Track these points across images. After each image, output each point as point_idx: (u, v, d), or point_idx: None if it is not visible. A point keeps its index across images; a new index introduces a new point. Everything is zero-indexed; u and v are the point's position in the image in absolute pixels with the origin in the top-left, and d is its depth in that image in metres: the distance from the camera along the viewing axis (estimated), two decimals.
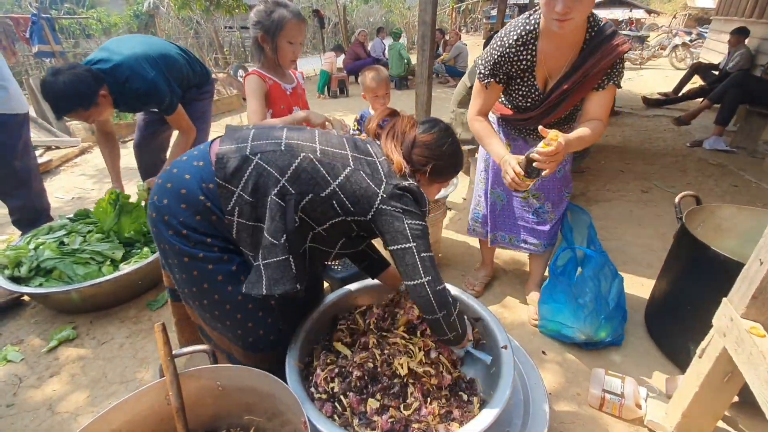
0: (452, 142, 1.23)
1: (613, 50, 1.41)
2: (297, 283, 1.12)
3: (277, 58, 1.76)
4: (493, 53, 1.51)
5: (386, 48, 9.59)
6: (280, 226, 1.08)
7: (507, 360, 1.19)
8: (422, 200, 1.15)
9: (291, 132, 1.18)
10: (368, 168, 1.13)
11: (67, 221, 2.43)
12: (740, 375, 1.16)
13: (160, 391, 1.19)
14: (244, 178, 1.09)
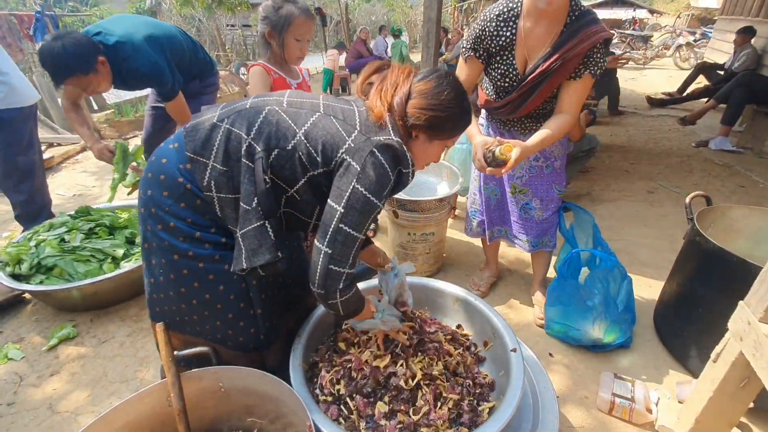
0: (454, 89, 1.04)
1: (592, 35, 1.40)
2: (278, 251, 1.03)
3: (283, 54, 1.73)
4: (476, 27, 1.55)
5: (389, 46, 9.55)
6: (251, 189, 1.00)
7: (516, 364, 1.16)
8: (404, 159, 1.02)
9: (262, 93, 1.13)
10: (341, 114, 1.02)
11: (68, 218, 2.40)
12: (758, 380, 1.12)
13: (161, 393, 1.17)
14: (215, 146, 1.03)
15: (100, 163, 4.37)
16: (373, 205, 0.98)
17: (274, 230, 1.04)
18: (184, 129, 1.08)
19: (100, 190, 3.71)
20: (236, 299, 1.18)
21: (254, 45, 15.61)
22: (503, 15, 1.49)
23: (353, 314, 1.14)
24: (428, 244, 2.23)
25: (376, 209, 0.99)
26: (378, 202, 0.98)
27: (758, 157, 4.27)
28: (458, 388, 1.16)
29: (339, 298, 1.03)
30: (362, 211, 0.97)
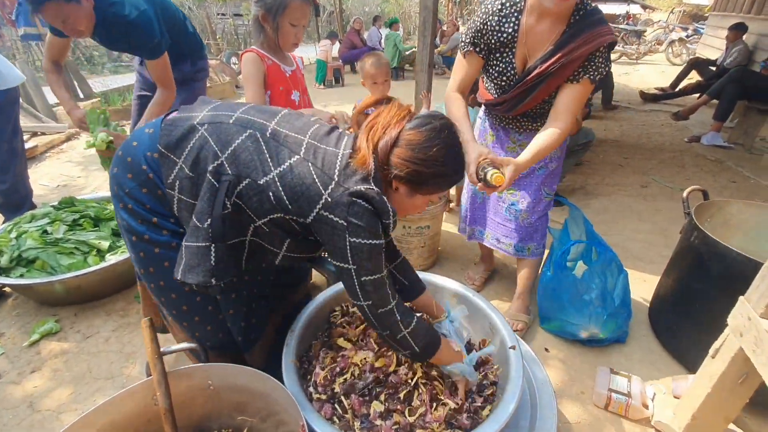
0: (445, 145, 0.94)
1: (596, 37, 1.32)
2: (213, 278, 0.98)
3: (277, 40, 1.66)
4: (476, 20, 1.45)
5: (383, 37, 9.44)
6: (207, 209, 0.95)
7: (516, 363, 1.13)
8: (384, 211, 0.93)
9: (251, 107, 1.05)
10: (320, 161, 0.94)
11: (51, 209, 2.31)
12: (757, 376, 1.11)
13: (147, 391, 1.12)
14: (188, 149, 0.98)
15: (85, 153, 4.28)
16: (377, 246, 0.94)
17: (218, 255, 0.98)
18: (164, 119, 1.04)
19: (85, 180, 3.61)
20: (203, 301, 1.15)
21: (246, 35, 15.33)
22: (506, 9, 1.40)
23: (432, 349, 1.08)
24: (423, 237, 2.20)
25: (381, 248, 0.96)
26: (380, 241, 0.95)
27: (749, 152, 4.31)
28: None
29: (405, 329, 1.02)
30: (371, 257, 0.95)
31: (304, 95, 1.89)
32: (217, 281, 1.00)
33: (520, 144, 1.68)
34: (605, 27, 1.33)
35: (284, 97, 1.77)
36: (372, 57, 2.23)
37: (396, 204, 1.01)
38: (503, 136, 1.73)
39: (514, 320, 1.83)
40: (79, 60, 10.73)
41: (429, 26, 2.55)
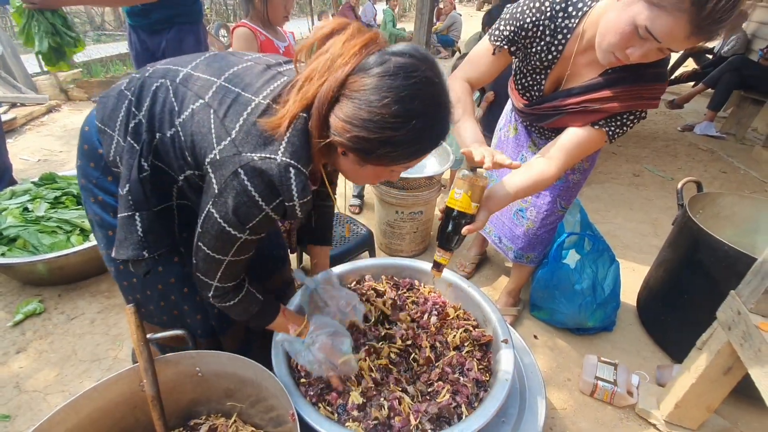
0: (400, 98, 0.66)
1: (634, 97, 1.06)
2: (144, 249, 0.90)
3: (266, 12, 1.58)
4: (524, 15, 1.10)
5: (376, 13, 9.18)
6: (126, 174, 0.85)
7: (506, 356, 1.13)
8: (287, 190, 0.74)
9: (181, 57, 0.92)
10: (225, 108, 0.77)
11: (32, 185, 2.24)
12: (741, 369, 1.14)
13: (133, 377, 1.10)
14: (119, 118, 0.87)
15: (67, 126, 4.13)
16: (231, 235, 0.80)
17: (144, 225, 0.90)
18: (101, 94, 0.95)
19: (67, 155, 3.48)
20: (177, 283, 1.08)
21: (236, 5, 14.78)
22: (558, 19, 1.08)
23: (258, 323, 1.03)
24: (416, 223, 2.17)
25: (236, 240, 0.81)
26: (238, 233, 0.79)
27: (740, 143, 4.33)
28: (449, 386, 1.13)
29: (216, 303, 0.95)
30: (218, 237, 0.81)
31: None
32: (149, 253, 0.92)
33: (540, 147, 1.52)
34: (652, 88, 1.06)
35: None
36: None
37: (347, 172, 0.85)
38: (525, 135, 1.57)
39: (503, 314, 1.81)
40: None
41: (427, 3, 2.46)
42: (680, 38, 0.83)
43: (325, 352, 1.03)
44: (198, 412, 1.26)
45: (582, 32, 1.07)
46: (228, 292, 0.94)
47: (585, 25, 1.05)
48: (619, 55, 0.94)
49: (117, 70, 5.67)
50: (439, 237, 1.04)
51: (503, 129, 1.66)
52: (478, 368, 1.17)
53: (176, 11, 1.88)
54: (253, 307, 0.99)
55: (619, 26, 0.89)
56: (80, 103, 4.85)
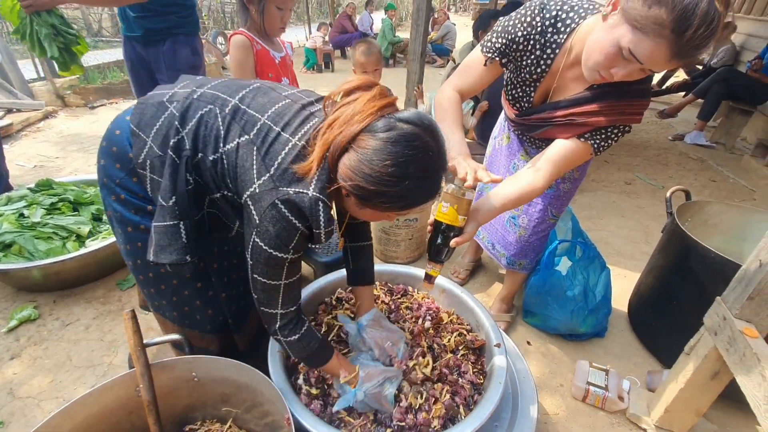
0: (399, 163, 0.76)
1: (617, 112, 1.10)
2: (187, 254, 0.98)
3: (263, 24, 1.61)
4: (515, 29, 1.12)
5: (373, 22, 9.29)
6: (171, 186, 0.93)
7: (499, 361, 1.15)
8: (314, 221, 0.83)
9: (222, 82, 1.00)
10: (266, 147, 0.86)
11: (28, 191, 2.24)
12: (728, 374, 1.16)
13: (129, 383, 1.11)
14: (156, 126, 0.95)
15: (63, 132, 4.14)
16: (278, 258, 0.88)
17: (188, 232, 0.97)
18: (138, 100, 1.02)
19: (63, 161, 3.49)
20: (192, 278, 1.14)
21: (233, 13, 14.89)
22: (547, 34, 1.11)
23: (313, 364, 1.10)
24: (411, 230, 2.20)
25: (284, 261, 0.90)
26: (283, 255, 0.88)
27: (730, 152, 4.41)
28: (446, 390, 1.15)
29: (282, 338, 1.02)
30: (267, 264, 0.90)
31: (293, 83, 1.85)
32: (191, 257, 0.99)
33: (531, 155, 1.54)
34: (635, 103, 1.10)
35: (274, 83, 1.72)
36: (363, 45, 2.20)
37: (351, 209, 0.94)
38: (517, 144, 1.59)
39: (497, 321, 1.84)
40: None
41: (423, 14, 2.51)
42: (661, 61, 0.87)
43: (375, 400, 1.11)
44: (193, 418, 1.26)
45: (570, 48, 1.10)
46: (292, 321, 1.01)
47: (573, 41, 1.09)
48: (603, 73, 0.97)
49: (114, 76, 5.68)
50: (429, 250, 1.07)
51: (497, 137, 1.69)
52: (473, 371, 1.19)
53: (172, 23, 1.88)
54: (313, 344, 1.05)
55: (605, 47, 0.92)
56: (77, 110, 4.86)
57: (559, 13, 1.09)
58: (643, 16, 0.83)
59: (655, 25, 0.82)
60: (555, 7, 1.09)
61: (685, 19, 0.79)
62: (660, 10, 0.80)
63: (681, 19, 0.79)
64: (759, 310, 1.08)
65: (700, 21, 0.78)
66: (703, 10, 0.77)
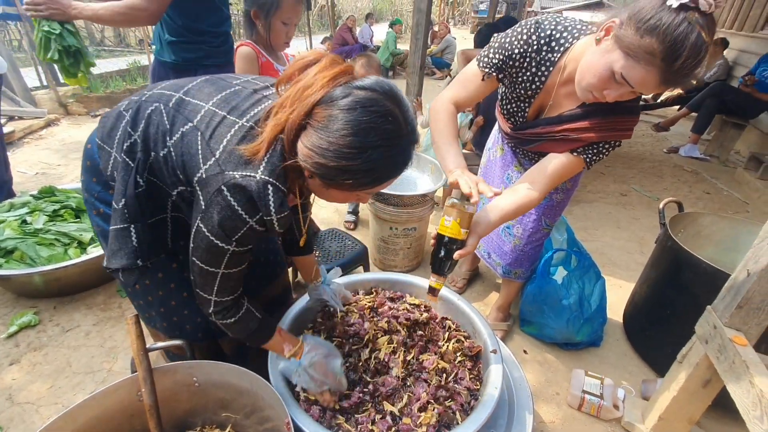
0: (357, 130, 0.71)
1: (607, 128, 1.14)
2: (138, 258, 0.97)
3: (269, 38, 1.66)
4: (512, 45, 1.16)
5: (373, 34, 9.44)
6: (121, 189, 0.92)
7: (495, 367, 1.17)
8: (265, 205, 0.79)
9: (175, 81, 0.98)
10: (210, 131, 0.83)
11: (30, 198, 2.26)
12: (719, 381, 1.18)
13: (130, 387, 1.12)
14: (117, 136, 0.95)
15: (65, 140, 4.17)
16: (220, 248, 0.84)
17: (139, 235, 0.97)
18: (101, 117, 1.03)
19: (65, 169, 3.52)
20: (177, 288, 1.12)
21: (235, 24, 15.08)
22: (543, 52, 1.15)
23: (254, 342, 1.07)
24: (410, 239, 2.23)
25: (225, 252, 0.85)
26: (224, 244, 0.84)
27: (723, 165, 4.48)
28: (442, 395, 1.17)
29: (217, 320, 0.99)
30: (208, 251, 0.86)
31: None
32: (143, 262, 0.99)
33: (526, 169, 1.51)
34: (626, 120, 1.14)
35: None
36: (363, 58, 2.25)
37: (317, 192, 0.90)
38: (511, 155, 1.63)
39: (494, 329, 1.85)
40: None
41: (422, 29, 2.57)
42: (652, 86, 0.92)
43: (320, 371, 1.08)
44: (193, 423, 1.27)
45: (563, 66, 1.14)
46: (227, 308, 0.98)
47: (566, 60, 1.13)
48: (596, 94, 1.02)
49: (116, 85, 5.74)
50: (433, 263, 1.09)
51: (491, 149, 1.73)
52: (469, 377, 1.21)
53: (202, 53, 1.82)
54: (252, 324, 1.03)
55: (598, 69, 0.97)
56: (79, 118, 4.91)
57: (554, 33, 1.13)
58: (635, 44, 0.88)
59: (646, 54, 0.87)
60: (549, 26, 1.14)
61: (675, 50, 0.84)
62: (652, 40, 0.86)
63: (671, 49, 0.84)
64: (747, 319, 1.11)
65: (689, 52, 0.83)
66: (691, 42, 0.83)
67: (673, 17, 0.83)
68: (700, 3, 0.81)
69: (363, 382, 1.20)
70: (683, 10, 0.83)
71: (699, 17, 0.82)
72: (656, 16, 0.85)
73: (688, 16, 0.82)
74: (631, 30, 0.89)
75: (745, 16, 6.02)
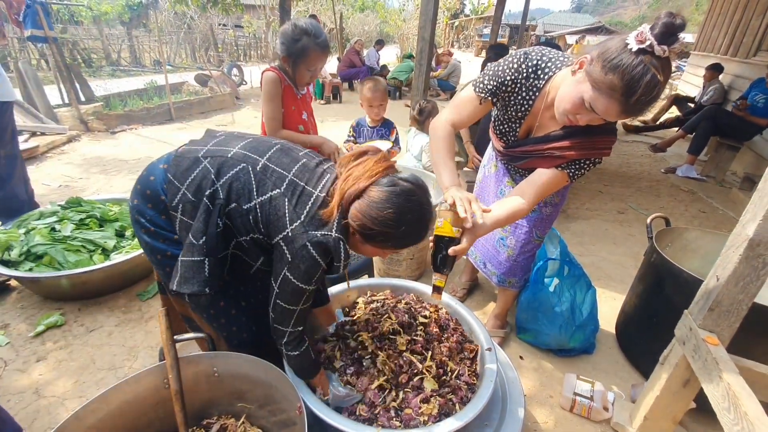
0: (400, 211, 1.00)
1: (588, 147, 1.29)
2: (206, 287, 1.15)
3: (294, 78, 1.85)
4: (505, 74, 1.31)
5: (379, 58, 9.77)
6: (202, 228, 1.11)
7: (490, 362, 1.28)
8: (336, 255, 1.06)
9: (249, 142, 1.19)
10: (296, 199, 1.07)
11: (58, 208, 2.43)
12: (697, 381, 1.28)
13: (158, 375, 1.24)
14: (191, 177, 1.13)
15: (86, 155, 4.39)
16: (302, 289, 1.09)
17: (211, 267, 1.14)
18: (175, 153, 1.20)
19: (86, 182, 3.70)
20: (215, 297, 1.27)
21: (246, 46, 15.63)
22: (531, 79, 1.30)
23: (303, 376, 1.27)
24: (412, 250, 2.35)
25: (306, 292, 1.11)
26: (306, 286, 1.09)
27: (719, 185, 4.59)
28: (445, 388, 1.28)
29: (285, 350, 1.21)
30: (292, 293, 1.10)
31: (310, 117, 2.07)
32: (210, 290, 1.16)
33: (517, 183, 1.63)
34: (604, 139, 1.29)
35: (296, 115, 1.95)
36: (370, 82, 2.43)
37: (354, 247, 1.13)
38: (504, 171, 1.76)
39: (492, 336, 1.95)
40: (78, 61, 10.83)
41: (425, 55, 2.76)
42: (614, 115, 1.08)
43: (337, 401, 1.29)
44: (210, 414, 1.38)
45: (548, 92, 1.30)
46: (297, 339, 1.20)
47: (549, 87, 1.29)
48: (571, 118, 1.18)
49: (134, 104, 6.00)
50: (433, 263, 1.21)
51: (486, 166, 1.88)
52: (468, 373, 1.32)
53: None
54: (306, 361, 1.26)
55: (572, 97, 1.13)
56: (99, 134, 5.14)
57: (539, 63, 1.30)
58: (600, 80, 1.04)
59: (609, 88, 1.03)
60: (535, 57, 1.30)
61: (631, 86, 0.99)
62: (614, 77, 1.01)
63: (628, 86, 1.00)
64: (719, 321, 1.22)
65: (643, 89, 0.99)
66: (646, 81, 0.98)
67: (632, 59, 0.98)
68: (655, 49, 0.96)
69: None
70: (641, 53, 0.98)
71: (654, 60, 0.97)
72: (618, 57, 1.00)
73: (645, 59, 0.97)
74: (598, 66, 1.05)
75: (739, 43, 6.24)
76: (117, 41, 13.07)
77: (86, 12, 13.04)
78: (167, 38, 13.01)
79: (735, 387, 1.05)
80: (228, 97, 7.23)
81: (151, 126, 5.69)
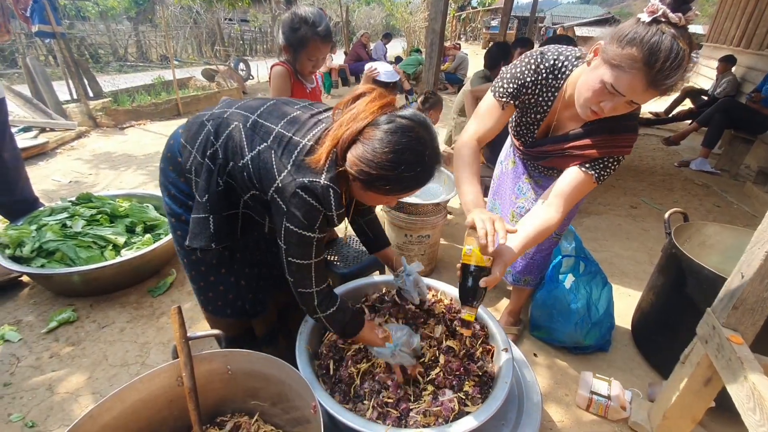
0: (398, 150, 0.92)
1: (610, 145, 1.24)
2: (212, 242, 1.19)
3: (295, 66, 1.82)
4: (524, 75, 1.28)
5: (387, 51, 9.70)
6: (205, 186, 1.15)
7: (506, 363, 1.26)
8: (326, 205, 1.00)
9: (247, 102, 1.20)
10: (281, 149, 1.04)
11: (69, 204, 2.43)
12: (719, 380, 1.25)
13: (172, 373, 1.23)
14: (199, 140, 1.17)
15: (95, 151, 4.40)
16: (307, 237, 1.04)
17: (215, 224, 1.18)
18: (188, 119, 1.26)
19: (95, 178, 3.71)
20: (217, 264, 1.32)
21: (252, 41, 15.61)
22: (551, 79, 1.27)
23: (350, 332, 1.22)
24: (424, 246, 2.33)
25: (312, 240, 1.05)
26: (311, 233, 1.03)
27: (734, 179, 4.50)
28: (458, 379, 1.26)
29: (321, 313, 1.16)
30: (299, 244, 1.05)
31: None
32: (216, 245, 1.20)
33: (536, 181, 1.67)
34: (624, 137, 1.24)
35: None
36: None
37: (356, 194, 1.07)
38: (522, 169, 1.71)
39: (505, 333, 1.92)
40: (85, 57, 10.87)
41: (436, 48, 2.72)
42: (639, 91, 1.02)
43: (408, 348, 1.26)
44: (223, 412, 1.37)
45: (565, 90, 1.27)
46: (327, 296, 1.16)
47: (567, 85, 1.26)
48: (594, 108, 1.12)
49: (142, 99, 6.01)
50: (461, 295, 1.08)
51: (504, 162, 1.84)
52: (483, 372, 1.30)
53: None
54: (347, 314, 1.21)
55: (591, 85, 1.08)
56: (107, 130, 5.15)
57: (556, 62, 1.26)
58: (619, 55, 1.00)
59: (629, 60, 0.99)
60: (552, 56, 1.27)
61: (652, 53, 0.95)
62: (632, 49, 0.98)
63: (649, 53, 0.96)
64: (743, 319, 1.19)
65: (665, 54, 0.95)
66: (666, 46, 0.94)
67: (647, 29, 0.96)
68: (669, 17, 0.94)
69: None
70: (655, 23, 0.96)
71: (670, 28, 0.94)
72: (633, 31, 0.98)
73: (661, 27, 0.95)
74: (614, 46, 1.02)
75: (752, 34, 6.09)
76: (124, 37, 13.09)
77: (93, 8, 13.08)
78: (173, 33, 13.01)
79: (760, 387, 1.02)
80: (235, 91, 7.22)
81: (159, 121, 5.69)
